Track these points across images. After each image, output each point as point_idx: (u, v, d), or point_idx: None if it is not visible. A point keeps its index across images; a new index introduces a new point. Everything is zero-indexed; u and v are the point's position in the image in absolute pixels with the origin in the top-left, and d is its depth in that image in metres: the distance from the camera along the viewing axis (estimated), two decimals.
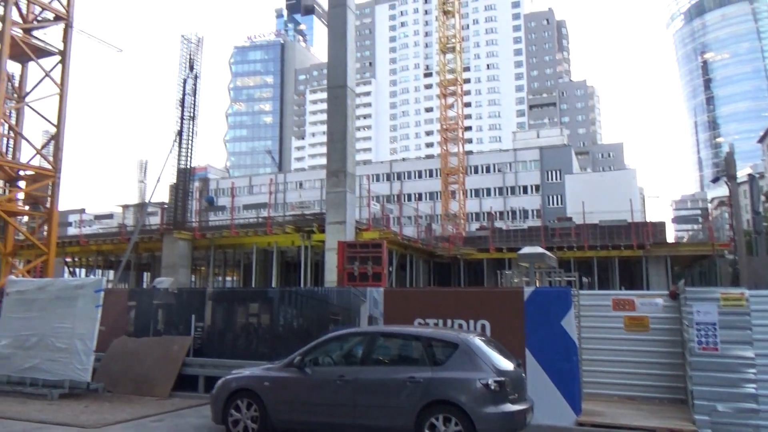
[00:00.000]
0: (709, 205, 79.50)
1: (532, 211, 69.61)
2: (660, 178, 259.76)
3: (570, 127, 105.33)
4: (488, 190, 74.03)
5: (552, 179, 70.53)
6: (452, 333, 8.13)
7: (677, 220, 58.40)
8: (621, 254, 37.74)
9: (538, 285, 16.04)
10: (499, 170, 74.00)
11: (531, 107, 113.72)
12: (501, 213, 70.24)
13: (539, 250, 16.13)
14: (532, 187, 71.80)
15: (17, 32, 23.64)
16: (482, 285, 41.18)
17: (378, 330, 8.93)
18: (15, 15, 23.73)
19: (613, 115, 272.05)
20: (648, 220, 41.55)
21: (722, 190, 64.48)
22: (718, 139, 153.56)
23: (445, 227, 54.35)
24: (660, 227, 41.02)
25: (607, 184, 64.22)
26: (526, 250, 16.11)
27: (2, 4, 22.69)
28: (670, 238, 50.05)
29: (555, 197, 69.63)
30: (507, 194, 72.92)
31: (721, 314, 8.64)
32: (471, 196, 70.69)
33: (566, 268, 33.13)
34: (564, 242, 38.47)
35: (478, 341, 7.61)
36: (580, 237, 37.86)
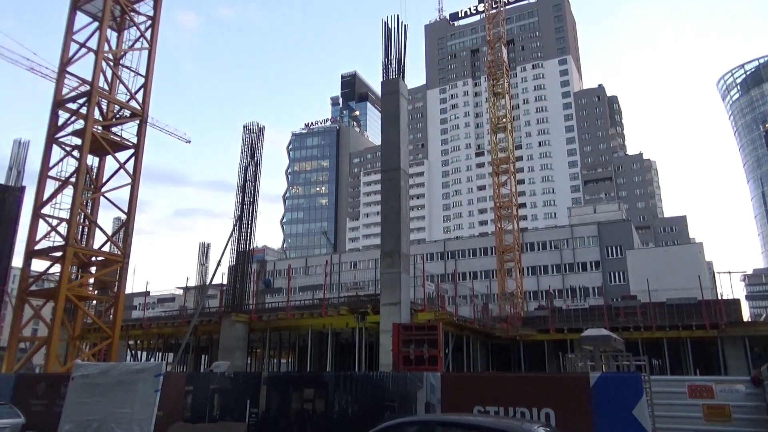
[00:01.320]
0: None
1: (593, 289, 67.11)
2: (727, 252, 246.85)
3: (628, 202, 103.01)
4: (545, 267, 72.29)
5: (612, 255, 68.32)
6: (515, 423, 7.72)
7: (753, 296, 54.83)
8: (693, 335, 35.46)
9: (604, 370, 15.17)
10: (555, 247, 72.45)
11: (586, 182, 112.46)
12: (560, 291, 68.05)
13: (604, 332, 15.37)
14: (591, 263, 69.65)
15: (98, 129, 25.73)
16: (543, 368, 39.34)
17: (436, 419, 8.58)
18: (96, 113, 25.95)
19: (673, 187, 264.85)
20: (720, 297, 39.09)
21: None
22: None
23: (502, 307, 52.94)
24: (734, 305, 38.53)
25: (672, 259, 61.54)
26: (590, 332, 15.38)
27: (86, 104, 24.83)
28: (746, 316, 46.85)
29: (616, 274, 67.11)
30: (565, 272, 70.90)
31: None
32: (528, 274, 69.06)
33: (633, 350, 31.38)
34: (629, 322, 36.59)
35: None
36: (647, 316, 35.95)
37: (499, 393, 9.97)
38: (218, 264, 33.92)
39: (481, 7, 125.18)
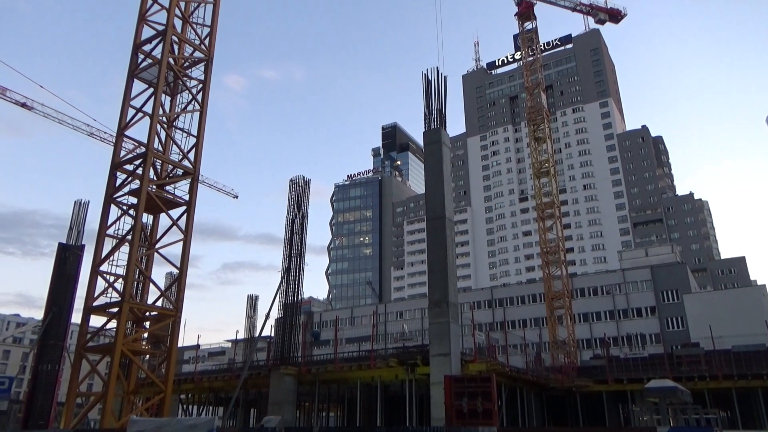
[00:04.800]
0: None
1: (650, 335, 64.23)
2: None
3: (681, 244, 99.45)
4: (597, 314, 69.79)
5: (668, 300, 65.48)
6: None
7: None
8: (764, 384, 33.28)
9: (672, 424, 14.31)
10: (607, 292, 70.09)
11: (635, 225, 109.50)
12: (614, 339, 65.39)
13: (669, 383, 14.61)
14: (646, 309, 66.86)
15: (152, 188, 26.84)
16: (602, 421, 37.48)
17: None
18: (151, 173, 27.12)
19: (727, 228, 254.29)
20: None
21: None
22: None
23: (555, 356, 51.15)
24: None
25: (733, 303, 58.61)
26: (655, 383, 14.64)
27: (142, 165, 26.00)
28: None
29: (674, 320, 64.14)
30: (619, 318, 68.24)
31: None
32: (579, 321, 66.84)
33: (700, 402, 29.62)
34: (693, 371, 34.68)
35: None
36: (712, 365, 34.03)
37: None
38: (267, 316, 34.17)
39: (518, 55, 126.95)
